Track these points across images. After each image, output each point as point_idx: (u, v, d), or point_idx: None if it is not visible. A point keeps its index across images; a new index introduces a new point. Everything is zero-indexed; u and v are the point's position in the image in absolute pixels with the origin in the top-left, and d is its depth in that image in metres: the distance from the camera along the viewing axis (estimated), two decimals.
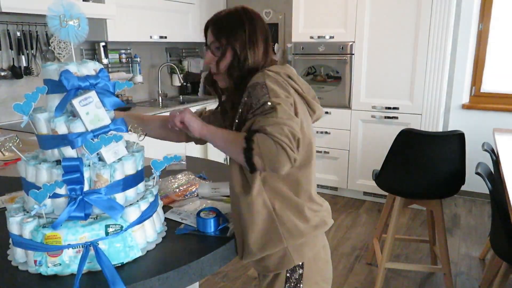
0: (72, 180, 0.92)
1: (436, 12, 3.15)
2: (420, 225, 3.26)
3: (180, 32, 3.86)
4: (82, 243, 0.92)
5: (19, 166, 0.98)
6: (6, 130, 2.60)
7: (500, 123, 3.55)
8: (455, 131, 2.15)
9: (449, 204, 3.68)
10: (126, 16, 3.22)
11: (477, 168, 1.89)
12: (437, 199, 2.28)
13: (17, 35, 2.84)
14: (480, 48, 3.69)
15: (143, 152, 1.10)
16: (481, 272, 2.59)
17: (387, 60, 3.40)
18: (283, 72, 1.11)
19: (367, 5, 3.38)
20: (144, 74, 3.95)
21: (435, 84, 3.26)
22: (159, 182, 1.43)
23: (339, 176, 3.79)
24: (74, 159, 0.93)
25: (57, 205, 0.95)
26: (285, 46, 4.29)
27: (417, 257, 2.79)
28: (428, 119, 3.34)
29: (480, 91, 3.76)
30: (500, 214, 1.78)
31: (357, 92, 3.56)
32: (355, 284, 2.49)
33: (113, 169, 0.97)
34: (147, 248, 1.03)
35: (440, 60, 3.21)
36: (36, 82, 2.98)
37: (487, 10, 3.60)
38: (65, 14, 0.94)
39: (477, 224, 3.31)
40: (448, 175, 2.20)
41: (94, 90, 0.96)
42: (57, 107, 0.93)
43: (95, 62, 1.02)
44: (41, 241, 0.91)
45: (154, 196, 1.09)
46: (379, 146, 3.50)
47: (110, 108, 1.01)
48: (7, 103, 2.85)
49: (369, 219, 3.38)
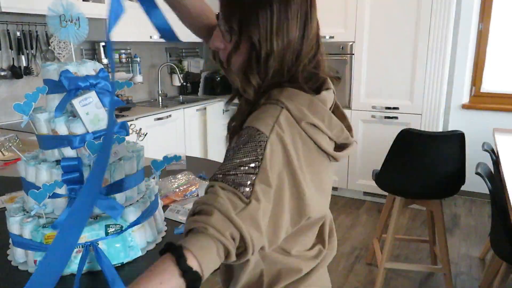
0: (71, 180, 0.92)
1: (436, 12, 3.15)
2: (420, 225, 3.26)
3: (180, 32, 3.85)
4: (82, 243, 0.92)
5: (19, 166, 0.98)
6: (6, 130, 2.60)
7: (500, 123, 3.55)
8: (455, 131, 2.15)
9: (449, 204, 3.68)
10: (126, 16, 3.21)
11: (477, 168, 1.89)
12: (437, 199, 2.28)
13: (17, 35, 2.84)
14: (480, 48, 3.69)
15: (143, 152, 1.10)
16: (481, 272, 2.59)
17: (387, 60, 3.40)
18: (309, 118, 0.75)
19: (367, 5, 3.38)
20: (144, 74, 3.95)
21: (435, 84, 3.26)
22: (160, 182, 1.43)
23: (339, 176, 3.79)
24: (73, 159, 0.93)
25: (57, 205, 0.95)
26: None
27: (417, 257, 2.79)
28: (428, 119, 3.34)
29: (480, 91, 3.76)
30: (500, 214, 1.78)
31: (357, 92, 3.56)
32: (355, 284, 2.49)
33: (113, 169, 0.97)
34: (147, 248, 1.03)
35: (440, 60, 3.21)
36: (36, 82, 2.98)
37: (487, 10, 3.60)
38: (65, 14, 0.94)
39: (477, 224, 3.31)
40: (448, 175, 2.20)
41: (94, 90, 0.96)
42: (57, 107, 0.93)
43: (95, 62, 1.02)
44: (41, 241, 0.91)
45: (154, 196, 1.09)
46: (379, 146, 3.50)
47: (110, 108, 1.01)
48: (7, 103, 2.85)
49: (369, 219, 3.38)
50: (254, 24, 0.75)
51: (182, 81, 4.13)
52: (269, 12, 0.75)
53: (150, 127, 3.19)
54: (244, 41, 0.77)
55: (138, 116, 3.22)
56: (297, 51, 0.79)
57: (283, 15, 0.75)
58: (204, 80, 4.41)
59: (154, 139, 3.19)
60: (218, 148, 4.15)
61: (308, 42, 0.80)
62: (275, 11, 0.75)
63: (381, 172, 2.36)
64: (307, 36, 0.79)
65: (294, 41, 0.77)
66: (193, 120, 3.78)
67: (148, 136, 1.25)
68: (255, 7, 0.75)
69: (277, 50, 0.76)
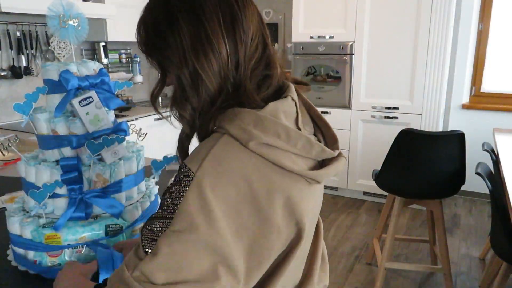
0: (71, 180, 0.92)
1: (436, 12, 3.15)
2: (420, 225, 3.26)
3: None
4: (82, 243, 0.92)
5: (19, 166, 0.98)
6: (6, 130, 2.60)
7: (500, 123, 3.55)
8: (455, 131, 2.15)
9: (449, 204, 3.68)
10: (126, 16, 3.23)
11: (477, 168, 1.89)
12: (437, 199, 2.28)
13: (17, 35, 2.84)
14: (480, 48, 3.69)
15: (143, 152, 1.10)
16: (481, 272, 2.59)
17: (387, 60, 3.40)
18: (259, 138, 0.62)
19: (367, 5, 3.37)
20: (144, 74, 3.95)
21: (435, 84, 3.26)
22: None
23: (339, 176, 3.78)
24: (71, 158, 0.93)
25: (57, 205, 0.95)
26: (285, 46, 4.30)
27: (417, 257, 2.79)
28: (428, 119, 3.34)
29: (480, 91, 3.76)
30: (500, 214, 1.78)
31: (357, 92, 3.56)
32: (355, 284, 2.49)
33: (113, 169, 0.97)
34: None
35: (440, 60, 3.21)
36: (36, 82, 2.98)
37: (487, 10, 3.60)
38: (65, 14, 0.94)
39: (477, 224, 3.31)
40: (448, 175, 2.20)
41: (94, 90, 0.96)
42: (57, 107, 0.93)
43: (95, 62, 1.02)
44: (41, 241, 0.91)
45: (154, 196, 1.09)
46: (379, 146, 3.50)
47: (110, 108, 1.01)
48: (7, 103, 2.85)
49: (369, 219, 3.38)
50: (167, 51, 0.65)
51: None
52: (178, 30, 0.64)
53: (150, 127, 3.19)
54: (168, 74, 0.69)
55: (138, 116, 3.22)
56: (234, 61, 0.66)
57: (196, 28, 0.63)
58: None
59: (154, 139, 3.19)
60: None
61: (246, 45, 0.67)
62: (184, 26, 0.64)
63: (381, 172, 2.36)
64: (241, 39, 0.66)
65: (223, 51, 0.65)
66: None
67: (148, 136, 1.25)
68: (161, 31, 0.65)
69: (202, 69, 0.64)
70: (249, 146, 0.61)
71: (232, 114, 0.64)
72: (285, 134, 0.64)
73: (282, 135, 0.64)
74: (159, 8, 0.67)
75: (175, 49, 0.65)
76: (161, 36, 0.65)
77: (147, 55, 0.71)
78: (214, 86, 0.65)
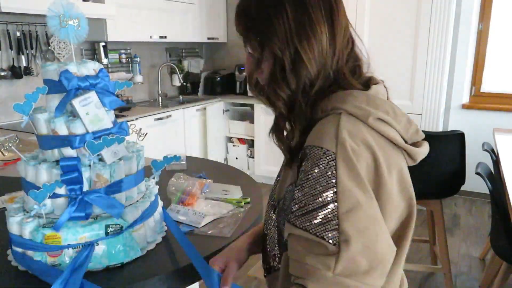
0: (71, 180, 0.92)
1: (436, 12, 3.15)
2: (420, 225, 3.26)
3: (180, 32, 3.86)
4: (82, 243, 0.92)
5: (19, 166, 0.98)
6: (6, 130, 2.60)
7: (500, 123, 3.55)
8: (455, 131, 2.15)
9: (449, 204, 3.68)
10: (126, 16, 3.22)
11: (477, 168, 1.89)
12: (437, 199, 2.28)
13: (17, 35, 2.84)
14: (480, 48, 3.69)
15: (143, 152, 1.10)
16: (481, 272, 2.59)
17: (387, 60, 3.40)
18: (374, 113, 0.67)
19: (367, 5, 3.37)
20: (144, 74, 3.95)
21: (435, 84, 3.26)
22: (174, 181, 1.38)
23: None
24: (72, 158, 0.93)
25: (57, 205, 0.95)
26: None
27: (417, 257, 2.79)
28: (428, 119, 3.34)
29: (480, 91, 3.76)
30: (500, 214, 1.78)
31: None
32: None
33: (113, 169, 0.97)
34: (147, 248, 1.03)
35: (440, 60, 3.21)
36: (36, 82, 2.98)
37: (487, 10, 3.60)
38: (64, 14, 0.94)
39: (477, 224, 3.31)
40: (448, 175, 2.20)
41: (94, 90, 0.96)
42: (57, 107, 0.93)
43: (95, 62, 1.02)
44: (41, 241, 0.91)
45: (154, 196, 1.09)
46: None
47: (110, 108, 1.01)
48: (7, 103, 2.85)
49: None
50: (271, 33, 0.69)
51: (182, 81, 4.13)
52: (284, 15, 0.67)
53: (150, 127, 3.19)
54: (268, 54, 0.71)
55: (138, 116, 3.22)
56: (331, 49, 0.71)
57: (301, 14, 0.67)
58: (204, 80, 4.41)
59: (154, 139, 3.19)
60: (218, 148, 4.16)
61: (341, 37, 0.72)
62: (290, 11, 0.67)
63: None
64: (338, 30, 0.71)
65: (323, 38, 0.69)
66: (193, 120, 3.79)
67: (148, 136, 1.25)
68: (266, 14, 0.69)
69: (304, 52, 0.68)
70: (369, 121, 0.66)
71: (343, 96, 0.69)
72: (392, 111, 0.71)
73: (390, 112, 0.70)
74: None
75: (279, 32, 0.68)
76: (268, 19, 0.69)
77: (246, 39, 0.74)
78: (314, 70, 0.69)
